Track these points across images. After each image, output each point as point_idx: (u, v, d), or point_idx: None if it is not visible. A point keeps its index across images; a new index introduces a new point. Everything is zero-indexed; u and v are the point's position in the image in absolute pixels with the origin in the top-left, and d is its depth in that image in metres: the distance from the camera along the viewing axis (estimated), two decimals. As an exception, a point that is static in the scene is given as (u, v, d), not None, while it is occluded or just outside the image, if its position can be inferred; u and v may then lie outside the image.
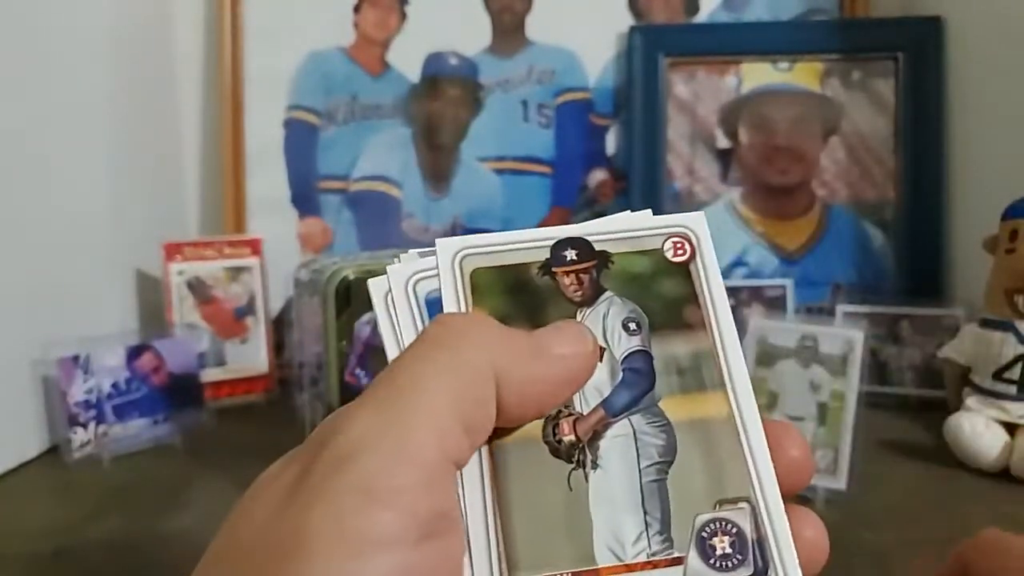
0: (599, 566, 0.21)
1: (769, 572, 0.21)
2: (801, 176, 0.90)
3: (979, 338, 0.65)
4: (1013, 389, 0.61)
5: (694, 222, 0.24)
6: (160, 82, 0.96)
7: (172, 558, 0.50)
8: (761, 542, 0.21)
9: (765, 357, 0.63)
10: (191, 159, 1.00)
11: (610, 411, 0.22)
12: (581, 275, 0.23)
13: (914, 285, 0.85)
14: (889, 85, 0.89)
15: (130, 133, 0.86)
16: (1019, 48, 0.76)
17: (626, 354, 0.23)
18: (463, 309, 0.23)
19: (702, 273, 0.24)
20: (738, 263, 0.90)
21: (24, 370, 0.67)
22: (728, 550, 0.21)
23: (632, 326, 0.23)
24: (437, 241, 0.23)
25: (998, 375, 0.62)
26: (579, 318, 0.23)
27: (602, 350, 0.23)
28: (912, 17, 0.91)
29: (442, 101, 0.95)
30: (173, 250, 0.83)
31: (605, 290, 0.23)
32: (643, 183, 0.91)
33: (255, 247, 0.86)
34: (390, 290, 0.23)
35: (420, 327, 0.23)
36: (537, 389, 0.21)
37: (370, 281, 0.23)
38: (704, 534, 0.21)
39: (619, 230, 0.24)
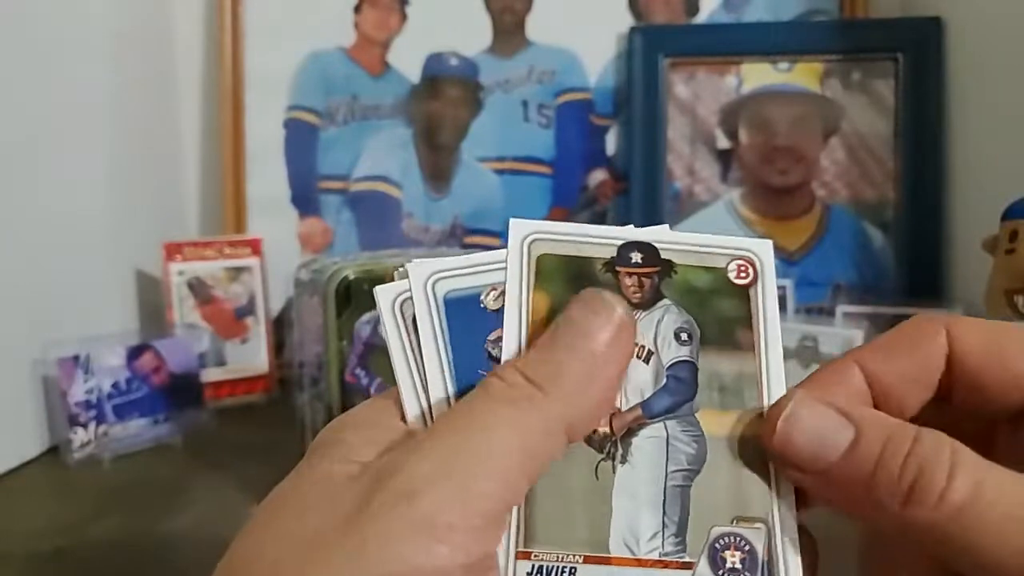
0: (611, 555, 0.22)
1: None
2: (801, 176, 0.90)
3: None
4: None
5: (761, 248, 0.25)
6: (160, 82, 0.96)
7: (172, 558, 0.50)
8: (771, 565, 0.22)
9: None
10: (191, 159, 1.00)
11: (648, 412, 0.23)
12: (643, 279, 0.24)
13: (914, 285, 0.85)
14: (889, 85, 0.89)
15: (130, 133, 0.86)
16: (1019, 48, 0.76)
17: (673, 362, 0.23)
18: (525, 293, 0.23)
19: (760, 299, 0.24)
20: (738, 263, 0.90)
21: (24, 370, 0.67)
22: (738, 565, 0.22)
23: (684, 336, 0.24)
24: (510, 221, 0.24)
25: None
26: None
27: (650, 353, 0.23)
28: (912, 17, 0.91)
29: (442, 101, 0.95)
30: (173, 250, 0.83)
31: (663, 297, 0.24)
32: (643, 183, 0.91)
33: (255, 247, 0.87)
34: (408, 292, 0.23)
35: (438, 327, 0.23)
36: (600, 404, 0.22)
37: (377, 288, 0.23)
38: (717, 545, 0.22)
39: (687, 243, 0.24)
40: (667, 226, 0.25)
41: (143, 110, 0.90)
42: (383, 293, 0.23)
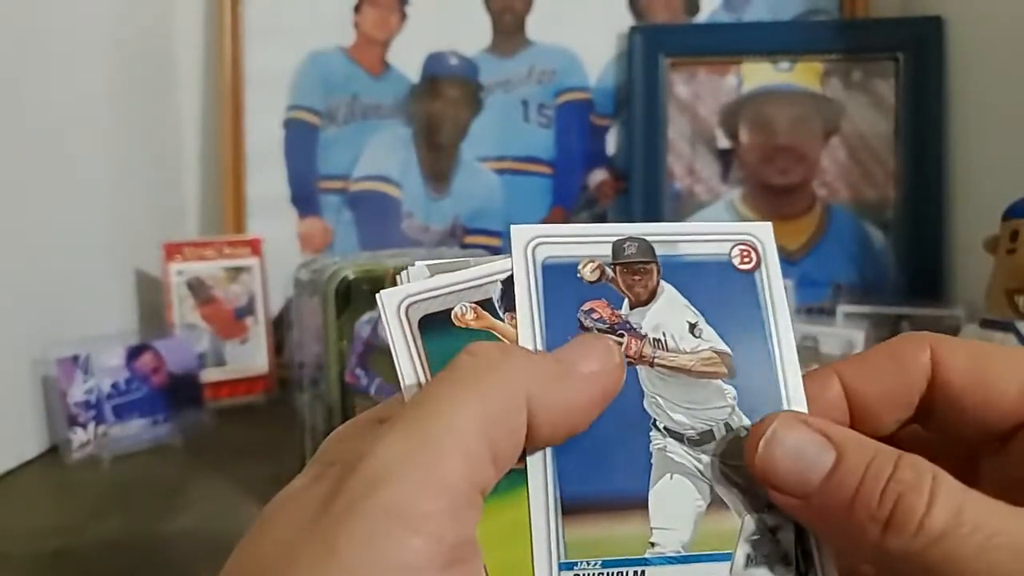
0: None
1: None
2: (802, 176, 0.90)
3: (980, 339, 0.65)
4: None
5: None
6: (160, 82, 0.96)
7: (172, 558, 0.50)
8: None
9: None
10: (191, 159, 1.00)
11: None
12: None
13: (914, 285, 0.85)
14: (889, 85, 0.89)
15: (130, 133, 0.86)
16: (1020, 48, 0.76)
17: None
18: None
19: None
20: (738, 263, 0.90)
21: (24, 370, 0.67)
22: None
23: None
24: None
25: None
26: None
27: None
28: (912, 17, 0.91)
29: (442, 101, 0.95)
30: (173, 250, 0.83)
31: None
32: (643, 183, 0.91)
33: (255, 247, 0.86)
34: (413, 296, 0.23)
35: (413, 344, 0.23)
36: (568, 413, 0.21)
37: (382, 292, 0.23)
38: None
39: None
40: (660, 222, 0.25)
41: (143, 110, 0.90)
42: (389, 298, 0.23)
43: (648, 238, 0.24)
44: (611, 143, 0.95)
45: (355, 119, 0.95)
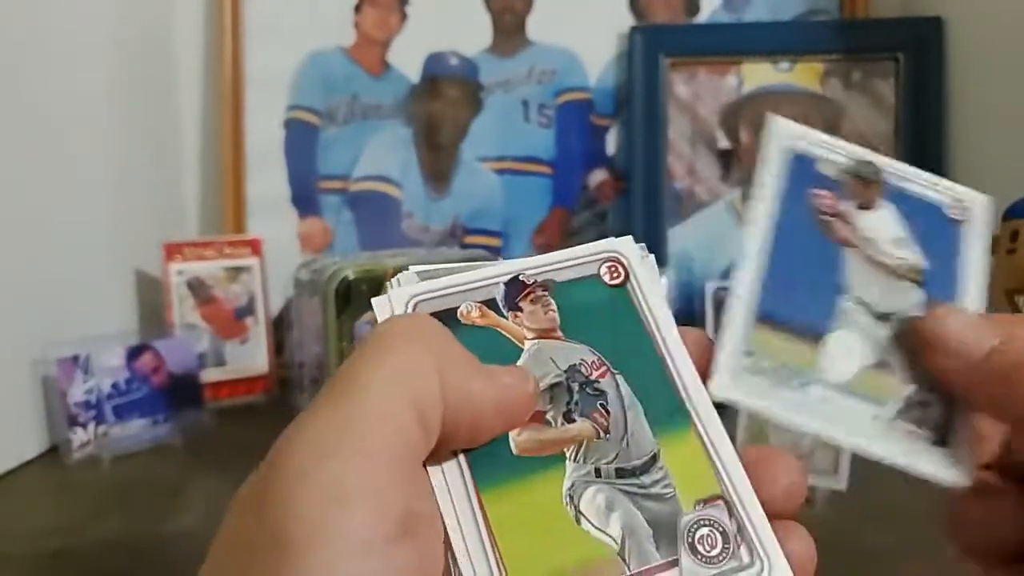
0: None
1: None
2: (801, 176, 0.90)
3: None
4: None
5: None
6: (160, 82, 0.96)
7: (172, 558, 0.50)
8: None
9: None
10: (191, 159, 1.00)
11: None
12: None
13: (914, 285, 0.85)
14: (889, 85, 0.89)
15: (130, 133, 0.86)
16: (1020, 48, 0.76)
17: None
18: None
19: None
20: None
21: (24, 370, 0.67)
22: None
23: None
24: (389, 292, 0.24)
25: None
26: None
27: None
28: (912, 17, 0.91)
29: (442, 101, 0.95)
30: (173, 250, 0.83)
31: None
32: (644, 183, 0.91)
33: (255, 247, 0.87)
34: (419, 295, 0.24)
35: None
36: (473, 407, 0.21)
37: (374, 300, 0.24)
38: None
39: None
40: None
41: (143, 110, 0.90)
42: (380, 305, 0.24)
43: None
44: (611, 143, 0.95)
45: (355, 119, 0.95)
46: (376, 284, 0.55)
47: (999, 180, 0.78)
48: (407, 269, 0.24)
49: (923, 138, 0.87)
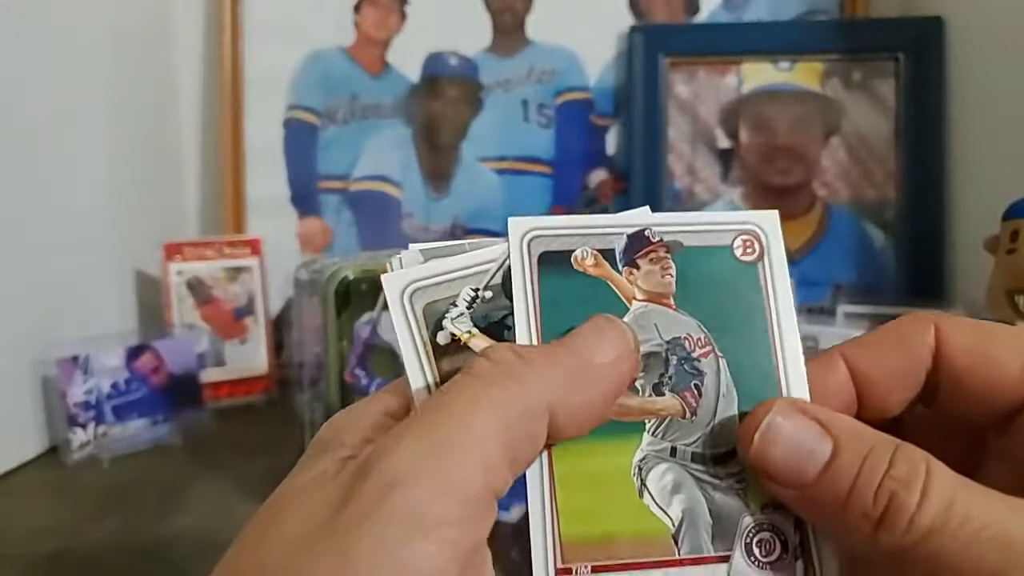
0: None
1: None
2: (802, 176, 0.90)
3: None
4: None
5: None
6: (160, 82, 0.96)
7: (172, 558, 0.50)
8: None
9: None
10: (191, 159, 1.00)
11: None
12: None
13: (915, 285, 0.85)
14: (890, 85, 0.89)
15: (130, 133, 0.86)
16: (1020, 48, 0.76)
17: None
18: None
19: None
20: (738, 263, 0.90)
21: (24, 370, 0.67)
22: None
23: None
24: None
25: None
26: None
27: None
28: (913, 17, 0.91)
29: (442, 101, 0.95)
30: (173, 250, 0.82)
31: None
32: (643, 183, 0.91)
33: (255, 247, 0.86)
34: (417, 281, 0.23)
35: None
36: (591, 411, 0.21)
37: (384, 277, 0.23)
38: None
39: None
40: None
41: (143, 110, 0.90)
42: (391, 282, 0.23)
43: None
44: (611, 143, 0.95)
45: (355, 119, 0.95)
46: (376, 284, 0.55)
47: (999, 180, 0.78)
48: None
49: (923, 138, 0.87)
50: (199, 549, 0.50)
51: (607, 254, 0.23)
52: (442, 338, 0.22)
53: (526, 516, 0.21)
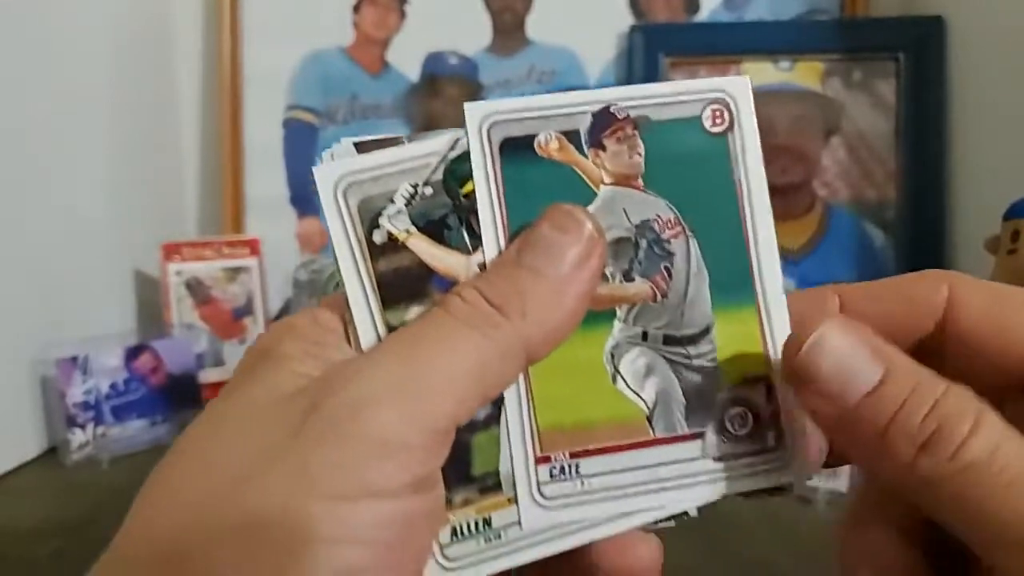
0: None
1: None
2: (802, 176, 0.90)
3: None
4: (1015, 390, 0.60)
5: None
6: (159, 82, 0.96)
7: (171, 560, 0.50)
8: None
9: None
10: (190, 159, 1.00)
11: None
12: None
13: (915, 285, 0.85)
14: (890, 85, 0.89)
15: (129, 133, 0.86)
16: (1020, 48, 0.76)
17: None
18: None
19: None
20: (739, 263, 0.90)
21: (23, 371, 0.66)
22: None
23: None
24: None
25: (1000, 376, 0.61)
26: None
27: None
28: (913, 17, 0.90)
29: (442, 100, 0.95)
30: (172, 250, 0.82)
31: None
32: (643, 183, 0.90)
33: (254, 247, 0.86)
34: (358, 173, 0.22)
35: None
36: (561, 328, 0.21)
37: (316, 169, 0.22)
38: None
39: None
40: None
41: (142, 110, 0.90)
42: (322, 176, 0.22)
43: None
44: (611, 143, 0.95)
45: (354, 119, 0.95)
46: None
47: (1000, 180, 0.78)
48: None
49: (924, 138, 0.87)
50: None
51: (573, 136, 0.22)
52: (378, 236, 0.21)
53: (500, 405, 0.21)
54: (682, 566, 0.47)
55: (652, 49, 0.91)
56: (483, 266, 0.21)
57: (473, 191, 0.22)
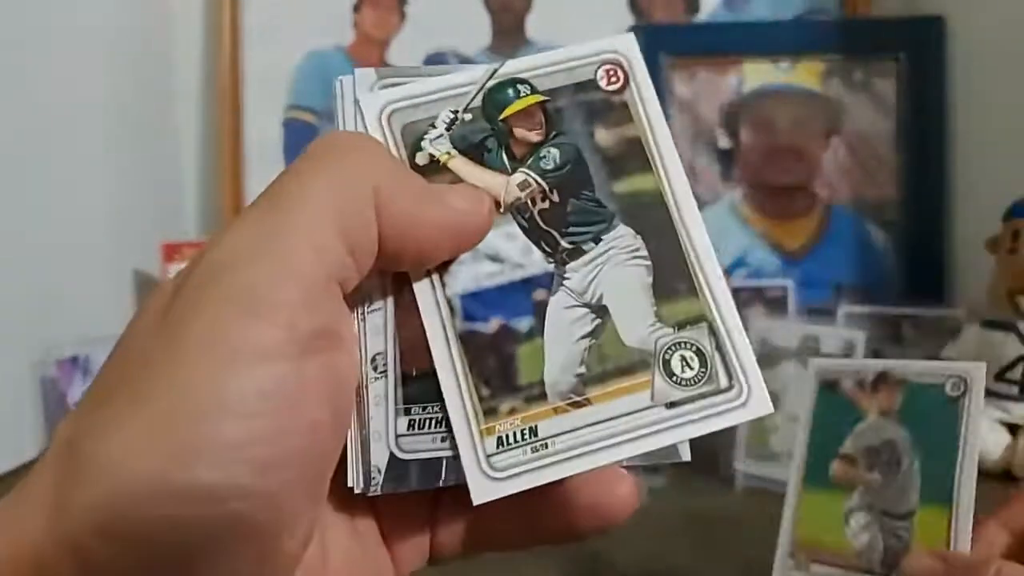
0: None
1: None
2: (803, 176, 0.90)
3: (981, 339, 0.64)
4: (1015, 390, 0.60)
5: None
6: (159, 82, 0.96)
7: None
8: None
9: (766, 358, 0.62)
10: (190, 159, 1.00)
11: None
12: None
13: (916, 285, 0.85)
14: (891, 85, 0.89)
15: (129, 133, 0.86)
16: (1021, 48, 0.76)
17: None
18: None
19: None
20: (739, 263, 0.90)
21: (24, 372, 0.66)
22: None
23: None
24: (359, 97, 0.23)
25: (1000, 376, 0.61)
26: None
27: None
28: (914, 17, 0.90)
29: (442, 101, 0.95)
30: (172, 251, 0.82)
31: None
32: (644, 183, 0.90)
33: (255, 247, 0.86)
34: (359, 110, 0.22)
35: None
36: (420, 231, 0.20)
37: (362, 97, 0.22)
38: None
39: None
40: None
41: (142, 110, 0.90)
42: (367, 104, 0.22)
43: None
44: (611, 143, 0.95)
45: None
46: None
47: (1000, 180, 0.78)
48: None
49: (924, 138, 0.87)
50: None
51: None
52: (421, 158, 0.22)
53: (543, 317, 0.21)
54: (682, 566, 0.47)
55: (652, 49, 0.91)
56: (522, 185, 0.22)
57: (511, 115, 0.22)
